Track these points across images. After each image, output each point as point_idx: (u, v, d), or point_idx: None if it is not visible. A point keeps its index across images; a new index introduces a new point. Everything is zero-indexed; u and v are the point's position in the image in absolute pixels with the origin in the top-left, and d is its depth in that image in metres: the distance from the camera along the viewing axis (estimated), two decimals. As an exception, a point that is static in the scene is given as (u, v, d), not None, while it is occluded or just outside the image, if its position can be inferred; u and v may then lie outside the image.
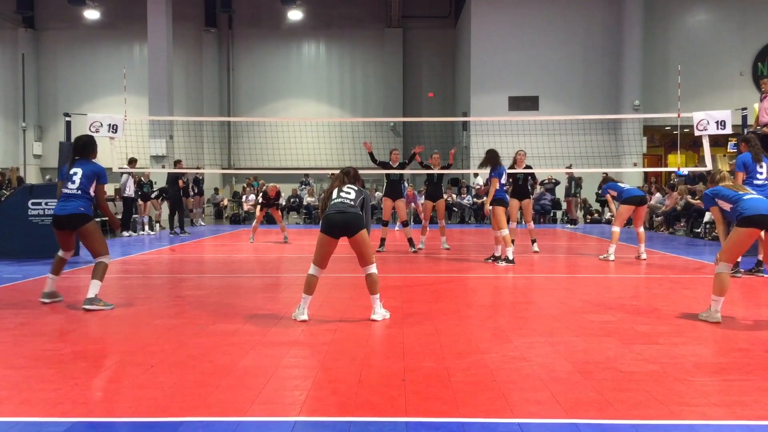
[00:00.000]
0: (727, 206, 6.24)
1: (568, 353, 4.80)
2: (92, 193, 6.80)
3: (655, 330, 5.58)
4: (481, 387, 4.00)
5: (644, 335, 5.38)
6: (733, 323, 5.94)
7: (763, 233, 6.51)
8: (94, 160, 7.03)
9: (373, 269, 6.08)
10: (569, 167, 18.63)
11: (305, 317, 5.95)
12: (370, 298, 6.10)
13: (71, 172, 6.79)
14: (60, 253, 6.98)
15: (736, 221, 6.03)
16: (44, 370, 4.39)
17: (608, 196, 11.77)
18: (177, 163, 18.48)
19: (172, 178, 17.46)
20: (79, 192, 6.70)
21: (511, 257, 10.37)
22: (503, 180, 10.55)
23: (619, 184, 11.54)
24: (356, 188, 6.22)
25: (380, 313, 6.05)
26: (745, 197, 6.08)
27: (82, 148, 6.94)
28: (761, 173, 8.97)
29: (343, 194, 6.12)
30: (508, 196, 11.07)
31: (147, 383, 4.09)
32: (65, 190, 6.75)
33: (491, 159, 10.53)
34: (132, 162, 16.52)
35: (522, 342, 5.14)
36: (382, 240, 12.44)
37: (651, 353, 4.78)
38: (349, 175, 6.35)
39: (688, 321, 5.93)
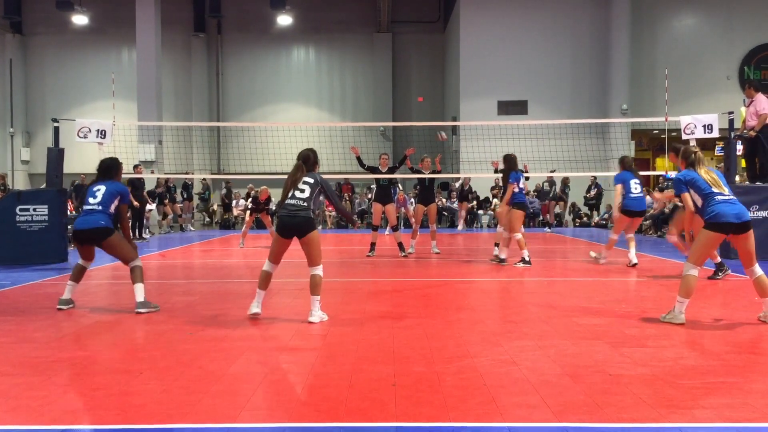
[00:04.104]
0: (699, 200, 6.04)
1: (557, 356, 4.81)
2: (112, 210, 6.78)
3: (644, 333, 5.60)
4: (471, 391, 4.01)
5: (633, 338, 5.40)
6: (722, 325, 5.98)
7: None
8: (120, 182, 7.13)
9: (318, 271, 6.21)
10: (553, 171, 18.70)
11: (257, 310, 6.23)
12: (310, 298, 6.19)
13: (95, 188, 6.86)
14: (80, 261, 6.99)
15: (705, 222, 5.96)
16: (32, 377, 4.36)
17: (618, 188, 10.35)
18: (135, 168, 18.10)
19: (136, 183, 17.08)
20: (100, 207, 6.71)
21: (527, 259, 10.49)
22: (521, 185, 10.73)
23: (632, 184, 10.27)
24: (312, 180, 6.27)
25: (318, 315, 6.12)
26: (717, 198, 5.93)
27: (106, 171, 7.02)
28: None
29: (297, 192, 6.21)
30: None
31: (136, 390, 4.07)
32: (86, 206, 6.79)
33: (510, 164, 10.74)
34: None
35: (512, 346, 5.16)
36: (372, 245, 12.43)
37: (640, 356, 4.80)
38: (308, 162, 6.37)
39: (676, 324, 5.96)
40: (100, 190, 6.82)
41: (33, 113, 29.28)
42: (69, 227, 12.73)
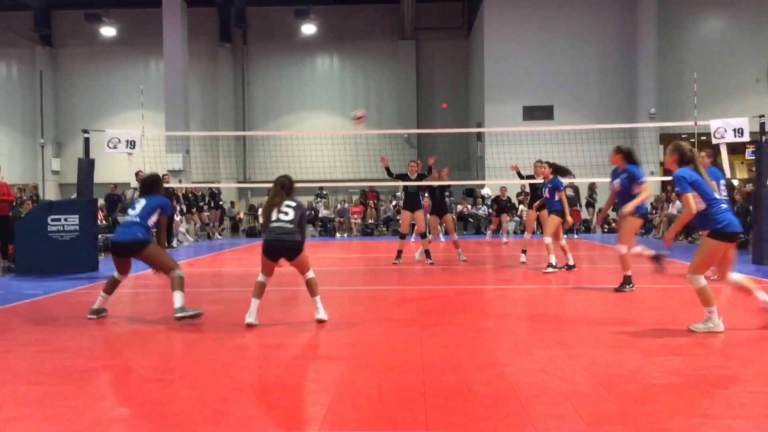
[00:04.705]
0: (702, 204, 5.71)
1: (588, 365, 4.76)
2: (151, 223, 6.88)
3: (677, 341, 5.52)
4: (502, 400, 3.97)
5: (665, 347, 5.32)
6: (756, 333, 5.87)
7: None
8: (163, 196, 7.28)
9: (312, 274, 6.44)
10: (573, 177, 18.55)
11: (252, 320, 6.28)
12: (312, 299, 6.43)
13: (136, 202, 7.04)
14: (115, 274, 7.04)
15: (713, 231, 5.68)
16: (65, 386, 4.42)
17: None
18: (162, 177, 18.45)
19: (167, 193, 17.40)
20: (138, 219, 6.81)
21: (554, 263, 10.60)
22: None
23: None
24: (294, 204, 6.41)
25: (324, 312, 6.40)
26: (722, 205, 5.73)
27: (149, 188, 7.17)
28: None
29: (282, 216, 6.30)
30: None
31: (169, 399, 4.11)
32: (126, 218, 6.97)
33: (557, 171, 10.81)
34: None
35: (542, 354, 5.11)
36: (399, 252, 12.41)
37: (673, 365, 4.73)
38: (285, 187, 6.48)
39: (709, 331, 5.86)
40: (141, 203, 6.95)
41: (63, 124, 29.78)
42: (99, 237, 12.94)
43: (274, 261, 6.32)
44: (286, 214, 6.30)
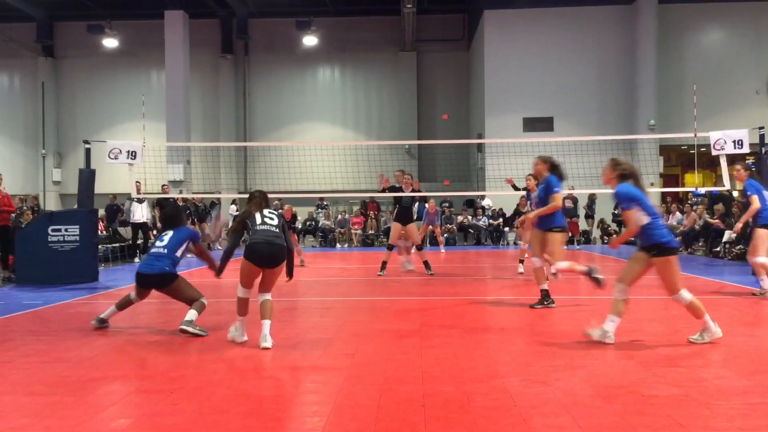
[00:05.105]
0: (645, 218, 5.69)
1: (588, 377, 4.75)
2: (178, 255, 6.84)
3: (677, 352, 5.51)
4: (502, 412, 3.97)
5: (666, 358, 5.32)
6: (755, 345, 5.86)
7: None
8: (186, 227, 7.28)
9: (269, 296, 6.03)
10: (572, 189, 18.59)
11: (245, 338, 6.03)
12: (262, 323, 5.88)
13: (163, 234, 6.99)
14: (132, 295, 7.00)
15: (666, 248, 5.68)
16: (65, 397, 4.42)
17: (754, 199, 8.82)
18: (163, 187, 18.46)
19: (164, 203, 17.26)
20: (165, 251, 6.76)
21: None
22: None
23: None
24: (276, 212, 6.18)
25: (270, 340, 5.85)
26: (660, 221, 5.80)
27: (172, 219, 7.16)
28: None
29: (267, 219, 6.04)
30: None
31: (168, 410, 4.10)
32: (153, 249, 6.90)
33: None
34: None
35: (542, 366, 5.10)
36: (384, 263, 12.23)
37: (673, 376, 4.72)
38: (265, 198, 6.29)
39: (710, 343, 5.85)
40: (168, 234, 6.91)
41: (64, 135, 29.83)
42: (99, 247, 12.94)
43: (258, 267, 5.94)
44: (272, 219, 6.07)
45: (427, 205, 17.86)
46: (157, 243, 6.92)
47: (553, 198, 7.97)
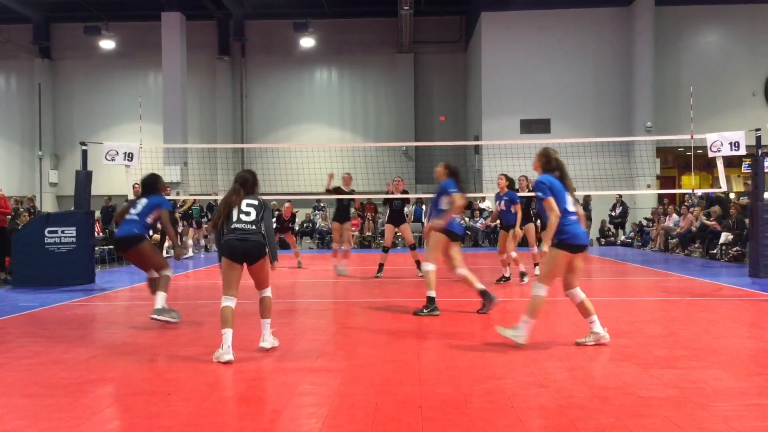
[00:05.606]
0: (557, 210, 5.72)
1: (585, 378, 4.76)
2: (149, 221, 7.26)
3: (673, 354, 5.52)
4: (499, 413, 3.97)
5: (662, 359, 5.32)
6: (752, 346, 5.87)
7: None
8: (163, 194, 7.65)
9: (268, 292, 5.89)
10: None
11: (230, 357, 5.37)
12: (261, 322, 5.82)
13: (137, 201, 7.34)
14: (148, 275, 7.41)
15: (559, 241, 5.76)
16: (61, 399, 4.41)
17: None
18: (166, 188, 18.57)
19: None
20: (137, 217, 7.20)
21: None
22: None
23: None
24: (256, 203, 5.89)
25: (270, 340, 5.81)
26: (572, 217, 5.81)
27: (149, 188, 7.49)
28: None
29: (243, 216, 5.78)
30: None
31: (164, 411, 4.09)
32: (127, 216, 7.26)
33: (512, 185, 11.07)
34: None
35: (539, 367, 5.10)
36: (381, 266, 12.29)
37: (670, 378, 4.73)
38: (247, 185, 5.97)
39: (706, 344, 5.87)
40: (141, 202, 7.29)
41: (61, 136, 29.78)
42: (96, 249, 12.92)
43: (235, 263, 5.70)
44: (248, 214, 5.79)
45: (424, 207, 17.88)
46: (131, 210, 7.25)
47: (452, 199, 7.92)
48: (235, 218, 5.81)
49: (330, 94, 29.51)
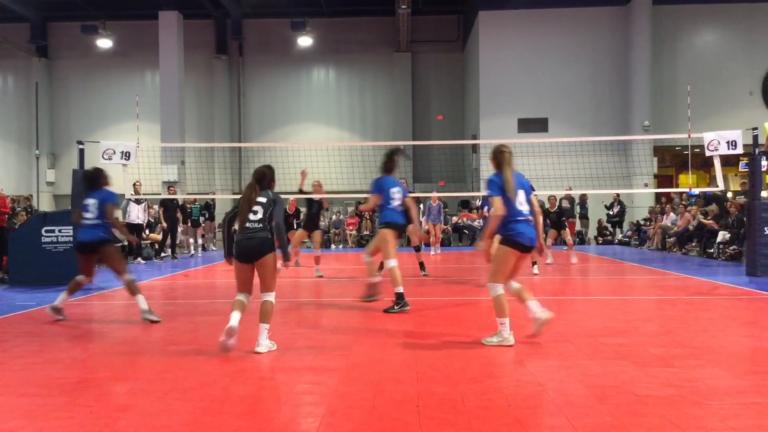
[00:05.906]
0: (501, 210, 5.83)
1: (582, 377, 4.76)
2: (110, 221, 7.42)
3: (670, 352, 5.52)
4: (496, 412, 3.97)
5: (659, 358, 5.33)
6: (749, 345, 5.88)
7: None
8: (106, 188, 7.64)
9: (271, 297, 5.87)
10: (569, 189, 18.65)
11: (233, 323, 5.63)
12: (259, 326, 5.78)
13: (85, 203, 7.42)
14: (78, 277, 7.49)
15: (504, 238, 5.87)
16: (58, 398, 4.40)
17: None
18: (169, 188, 18.65)
19: (168, 204, 17.41)
20: (98, 221, 7.31)
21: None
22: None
23: None
24: (264, 200, 5.90)
25: (266, 344, 5.76)
26: (519, 217, 5.87)
27: (91, 181, 7.62)
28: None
29: (251, 216, 5.85)
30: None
31: (160, 411, 4.09)
32: (85, 220, 7.33)
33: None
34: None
35: (536, 366, 5.11)
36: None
37: (666, 376, 4.73)
38: (264, 180, 6.01)
39: (703, 343, 5.88)
40: (89, 203, 7.38)
41: (58, 135, 29.74)
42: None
43: (246, 263, 5.81)
44: (255, 213, 5.85)
45: (422, 205, 17.89)
46: (87, 215, 7.35)
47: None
48: (249, 217, 5.88)
49: (327, 93, 29.49)
